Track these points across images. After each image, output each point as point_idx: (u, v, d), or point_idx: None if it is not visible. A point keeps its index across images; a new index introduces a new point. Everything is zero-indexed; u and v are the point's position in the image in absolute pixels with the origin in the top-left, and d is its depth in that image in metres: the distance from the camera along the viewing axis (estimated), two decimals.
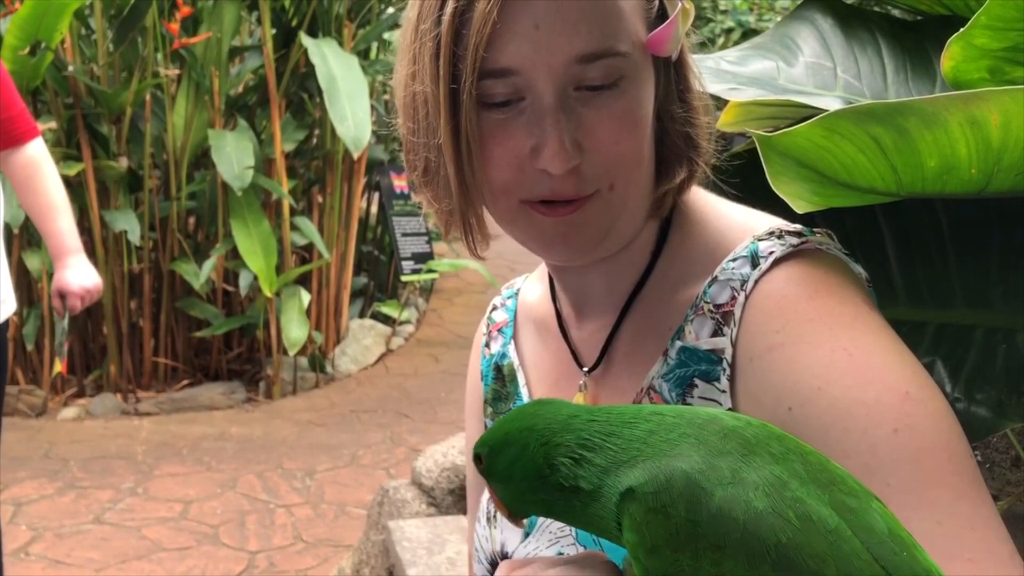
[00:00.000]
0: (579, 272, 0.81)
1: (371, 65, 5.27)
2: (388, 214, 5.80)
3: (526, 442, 0.58)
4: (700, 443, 0.52)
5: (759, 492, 0.49)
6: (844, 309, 0.69)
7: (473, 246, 0.78)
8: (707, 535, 0.49)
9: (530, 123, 0.70)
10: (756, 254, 0.73)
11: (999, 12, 0.71)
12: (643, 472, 0.52)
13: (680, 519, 0.49)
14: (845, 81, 0.94)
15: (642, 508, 0.51)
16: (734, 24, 7.95)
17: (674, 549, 0.50)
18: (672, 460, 0.51)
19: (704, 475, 0.50)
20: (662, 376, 0.75)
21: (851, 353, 0.66)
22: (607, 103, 0.70)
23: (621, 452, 0.54)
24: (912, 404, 0.63)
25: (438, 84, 0.70)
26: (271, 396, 5.00)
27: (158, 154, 5.07)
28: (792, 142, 0.68)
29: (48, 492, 3.85)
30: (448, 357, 5.59)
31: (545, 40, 0.68)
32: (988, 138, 0.64)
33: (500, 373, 0.92)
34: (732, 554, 0.48)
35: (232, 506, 3.76)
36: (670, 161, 0.77)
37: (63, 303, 2.46)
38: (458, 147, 0.71)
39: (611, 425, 0.56)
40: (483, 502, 0.89)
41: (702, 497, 0.49)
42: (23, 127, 2.37)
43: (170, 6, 4.70)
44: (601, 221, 0.74)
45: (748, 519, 0.48)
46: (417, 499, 2.98)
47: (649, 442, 0.53)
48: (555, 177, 0.70)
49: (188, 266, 4.85)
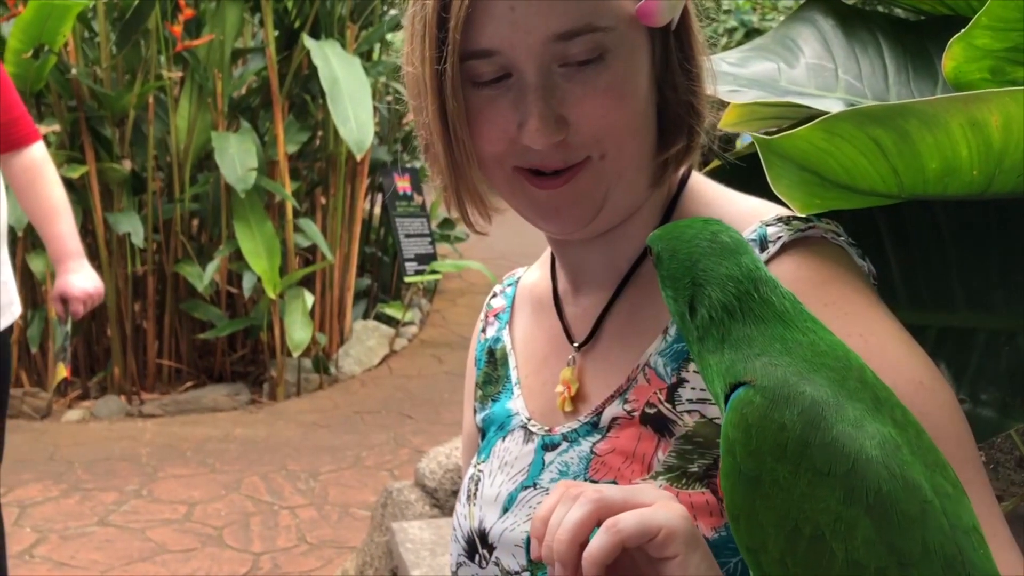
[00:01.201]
0: (580, 246, 0.82)
1: (374, 67, 5.27)
2: (391, 215, 5.80)
3: (680, 275, 0.59)
4: (837, 381, 0.53)
5: (875, 442, 0.51)
6: (856, 297, 0.70)
7: (469, 220, 0.80)
8: (815, 458, 0.50)
9: (516, 100, 0.72)
10: (764, 238, 0.74)
11: (1000, 12, 0.71)
12: (775, 378, 0.53)
13: (795, 435, 0.51)
14: (846, 82, 0.94)
15: (759, 411, 0.52)
16: (737, 24, 7.93)
17: (776, 459, 0.51)
18: (803, 382, 0.53)
19: (830, 408, 0.52)
20: (659, 352, 0.75)
21: (867, 340, 0.66)
22: (591, 78, 0.71)
23: (761, 339, 0.55)
24: (925, 392, 0.65)
25: (424, 65, 0.72)
26: (275, 398, 5.00)
27: (161, 156, 5.07)
28: (792, 145, 0.67)
29: (53, 494, 3.86)
30: (451, 358, 5.59)
31: (522, 20, 0.69)
32: (989, 140, 0.64)
33: (492, 357, 0.92)
34: (831, 484, 0.50)
35: (236, 508, 3.76)
36: (671, 131, 0.78)
37: (65, 308, 2.45)
38: (445, 125, 0.73)
39: (771, 307, 0.57)
40: (465, 481, 0.89)
41: (822, 424, 0.51)
42: (24, 131, 2.37)
43: (173, 8, 4.70)
44: (595, 191, 0.74)
45: (858, 459, 0.50)
46: (421, 500, 2.98)
47: (792, 351, 0.55)
48: (541, 151, 0.72)
49: (192, 268, 4.86)
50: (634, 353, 0.77)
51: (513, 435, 0.85)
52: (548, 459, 0.80)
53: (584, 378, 0.81)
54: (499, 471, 0.84)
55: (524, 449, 0.83)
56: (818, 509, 0.50)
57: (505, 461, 0.84)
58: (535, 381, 0.87)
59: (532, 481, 0.80)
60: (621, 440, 0.75)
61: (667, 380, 0.74)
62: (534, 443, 0.82)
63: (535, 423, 0.84)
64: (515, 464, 0.83)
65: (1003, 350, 0.87)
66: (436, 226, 6.28)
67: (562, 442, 0.79)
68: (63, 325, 2.51)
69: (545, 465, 0.80)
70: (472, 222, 0.81)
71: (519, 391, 0.87)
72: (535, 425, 0.83)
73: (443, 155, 0.74)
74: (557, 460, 0.79)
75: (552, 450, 0.80)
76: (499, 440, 0.86)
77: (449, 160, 0.75)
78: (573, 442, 0.79)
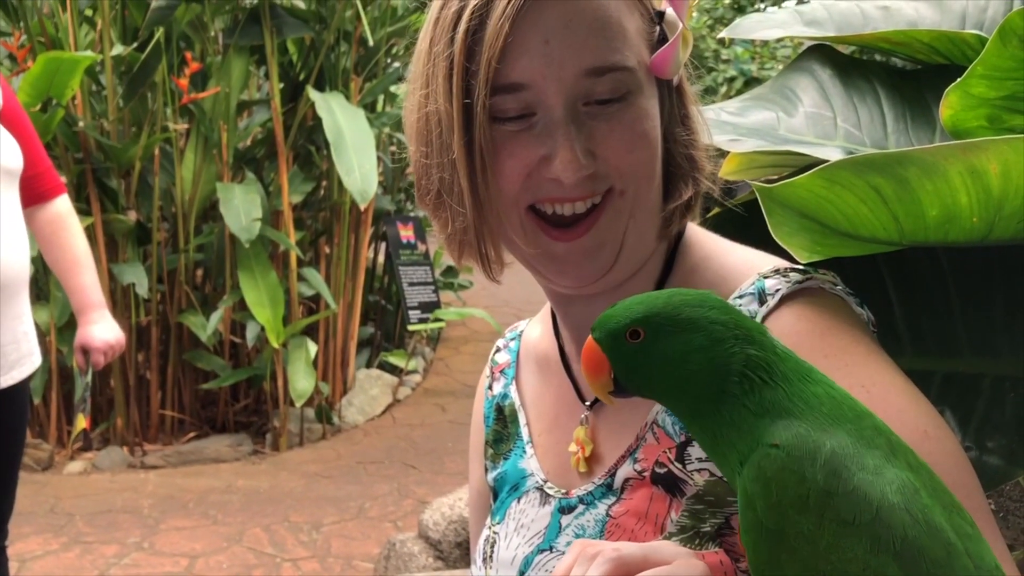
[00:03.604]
0: (584, 303, 0.82)
1: (377, 118, 5.33)
2: (395, 264, 5.82)
3: (721, 337, 0.57)
4: (855, 432, 0.53)
5: (894, 487, 0.51)
6: (857, 347, 0.70)
7: (488, 267, 0.79)
8: (838, 508, 0.50)
9: (541, 135, 0.72)
10: (763, 291, 0.74)
11: (995, 62, 0.72)
12: (795, 434, 0.53)
13: (816, 486, 0.51)
14: (845, 131, 0.95)
15: (778, 464, 0.52)
16: (736, 73, 8.03)
17: (798, 511, 0.51)
18: (824, 435, 0.53)
19: (850, 457, 0.52)
20: (666, 411, 0.75)
21: (869, 391, 0.66)
22: (616, 115, 0.72)
23: (788, 402, 0.55)
24: (931, 443, 0.65)
25: (451, 100, 0.72)
26: (278, 448, 4.97)
27: (167, 207, 5.11)
28: (793, 193, 0.68)
29: (53, 547, 3.82)
30: (455, 407, 5.56)
31: (556, 54, 0.70)
32: (988, 187, 0.64)
33: (501, 414, 0.92)
34: (857, 533, 0.49)
35: (238, 560, 3.72)
36: (675, 180, 0.79)
37: (86, 359, 2.46)
38: (472, 160, 0.72)
39: (788, 367, 0.56)
40: (480, 542, 0.88)
41: (843, 473, 0.51)
42: (49, 184, 2.43)
43: (179, 62, 4.77)
44: (614, 235, 0.74)
45: (882, 506, 0.50)
46: (424, 552, 2.94)
47: (815, 409, 0.54)
48: (566, 184, 0.72)
49: (196, 318, 4.86)
50: (642, 411, 0.77)
51: (528, 496, 0.84)
52: (564, 522, 0.79)
53: (597, 437, 0.81)
54: (515, 533, 0.83)
55: (541, 512, 0.82)
56: (846, 559, 0.49)
57: (521, 523, 0.83)
58: (548, 440, 0.86)
59: (549, 544, 0.80)
60: (634, 501, 0.74)
61: (676, 439, 0.73)
62: (551, 506, 0.81)
63: (551, 485, 0.83)
64: (531, 527, 0.82)
65: (1008, 396, 0.87)
66: (439, 274, 6.30)
67: (579, 505, 0.79)
68: (83, 376, 2.51)
69: (562, 528, 0.79)
70: (489, 267, 0.79)
71: (532, 450, 0.86)
72: (551, 488, 0.82)
73: (467, 192, 0.74)
74: (573, 523, 0.78)
75: (569, 513, 0.79)
76: (514, 501, 0.85)
77: (474, 199, 0.74)
78: (589, 505, 0.78)
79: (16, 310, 2.24)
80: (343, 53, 5.18)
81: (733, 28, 1.08)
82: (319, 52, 5.05)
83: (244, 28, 4.80)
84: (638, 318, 0.59)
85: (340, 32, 5.06)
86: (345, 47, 5.18)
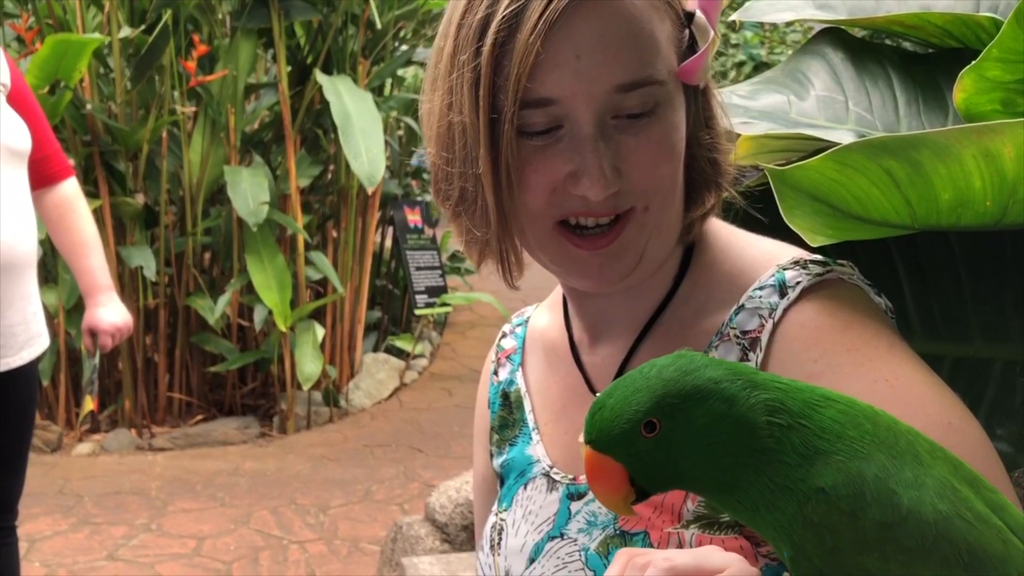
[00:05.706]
0: (601, 297, 0.81)
1: (385, 101, 5.32)
2: (402, 248, 5.82)
3: (732, 393, 0.51)
4: (880, 442, 0.51)
5: (939, 496, 0.49)
6: (879, 340, 0.69)
7: (508, 276, 0.79)
8: (900, 538, 0.49)
9: (568, 150, 0.71)
10: (783, 283, 0.73)
11: (1010, 45, 0.71)
12: (836, 473, 0.50)
13: (871, 522, 0.49)
14: (857, 114, 0.94)
15: (824, 508, 0.50)
16: (745, 58, 7.99)
17: (859, 551, 0.49)
18: (861, 463, 0.50)
19: (893, 479, 0.50)
20: None
21: (892, 384, 0.66)
22: (644, 130, 0.71)
23: (817, 438, 0.51)
24: (956, 434, 0.64)
25: (477, 114, 0.70)
26: (285, 431, 4.99)
27: (174, 190, 5.11)
28: (805, 176, 0.68)
29: (62, 528, 3.84)
30: (462, 391, 5.57)
31: (587, 70, 0.69)
32: (1002, 170, 0.64)
33: (507, 400, 0.91)
34: (925, 556, 0.48)
35: (245, 542, 3.74)
36: (699, 187, 0.78)
37: (94, 341, 2.47)
38: (497, 176, 0.71)
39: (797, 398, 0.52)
40: (486, 530, 0.88)
41: (893, 499, 0.49)
42: (57, 166, 2.43)
43: (187, 45, 4.76)
44: (637, 245, 0.74)
45: (939, 521, 0.49)
46: (431, 535, 2.95)
47: (842, 436, 0.51)
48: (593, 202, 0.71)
49: (203, 301, 4.87)
50: None
51: (535, 483, 0.84)
52: (575, 508, 0.79)
53: None
54: (523, 520, 0.83)
55: (548, 498, 0.81)
56: None
57: (529, 510, 0.83)
58: (555, 429, 0.85)
59: (559, 531, 0.79)
60: None
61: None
62: (559, 492, 0.81)
63: (558, 471, 0.82)
64: (539, 513, 0.82)
65: (1019, 382, 0.86)
66: (446, 259, 6.29)
67: (588, 491, 0.78)
68: (91, 358, 2.53)
69: (572, 515, 0.79)
70: (510, 277, 0.79)
71: (538, 437, 0.86)
72: (558, 473, 0.82)
73: (492, 207, 0.72)
74: (584, 510, 0.78)
75: (578, 499, 0.79)
76: (520, 488, 0.85)
77: (499, 213, 0.73)
78: None
79: (24, 291, 2.25)
80: (351, 36, 5.16)
81: (745, 10, 1.07)
82: (327, 35, 5.04)
83: (252, 11, 4.79)
84: (649, 408, 0.52)
85: (348, 15, 5.04)
86: (353, 30, 5.17)
